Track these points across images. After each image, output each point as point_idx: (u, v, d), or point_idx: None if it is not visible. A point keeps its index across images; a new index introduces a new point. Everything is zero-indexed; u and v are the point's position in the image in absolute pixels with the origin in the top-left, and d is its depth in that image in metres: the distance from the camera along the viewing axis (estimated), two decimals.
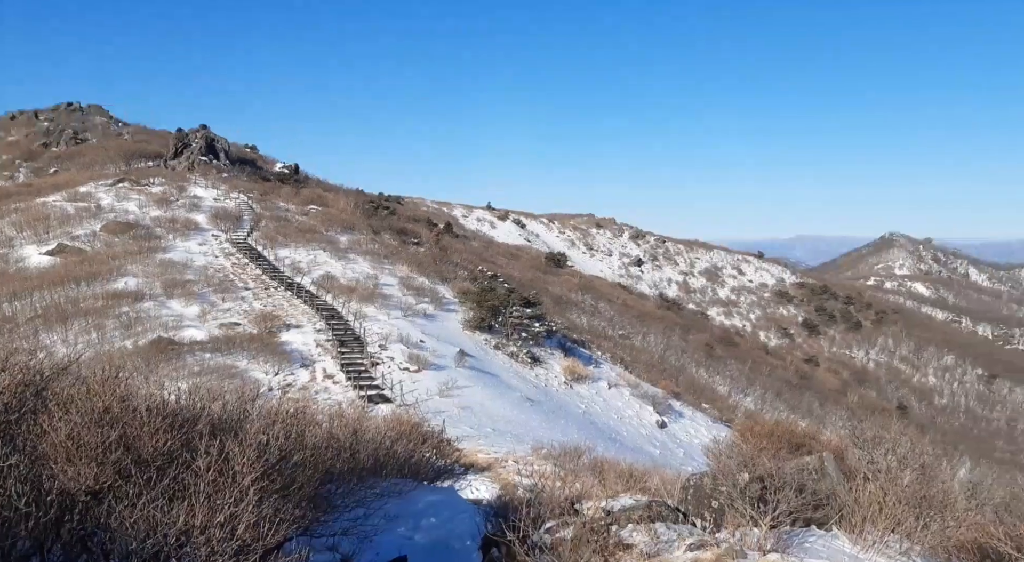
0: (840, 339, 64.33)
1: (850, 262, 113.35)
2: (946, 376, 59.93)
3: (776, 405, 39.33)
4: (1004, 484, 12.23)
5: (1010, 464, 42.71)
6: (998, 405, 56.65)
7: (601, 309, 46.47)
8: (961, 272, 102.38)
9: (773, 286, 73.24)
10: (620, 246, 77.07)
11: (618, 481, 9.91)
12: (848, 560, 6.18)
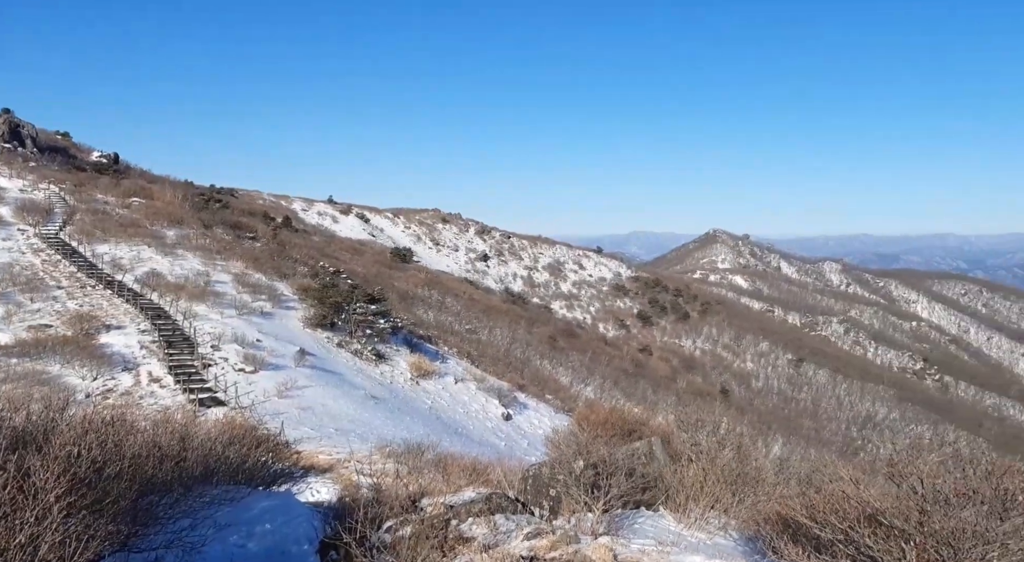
0: (671, 329, 68.47)
1: (679, 257, 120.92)
2: (761, 361, 65.47)
3: (614, 393, 41.23)
4: (807, 459, 13.60)
5: (815, 440, 47.31)
6: (805, 386, 62.65)
7: (448, 304, 46.63)
8: (774, 265, 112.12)
9: (611, 280, 76.65)
10: (467, 241, 77.69)
11: (462, 476, 9.98)
12: (672, 538, 6.56)
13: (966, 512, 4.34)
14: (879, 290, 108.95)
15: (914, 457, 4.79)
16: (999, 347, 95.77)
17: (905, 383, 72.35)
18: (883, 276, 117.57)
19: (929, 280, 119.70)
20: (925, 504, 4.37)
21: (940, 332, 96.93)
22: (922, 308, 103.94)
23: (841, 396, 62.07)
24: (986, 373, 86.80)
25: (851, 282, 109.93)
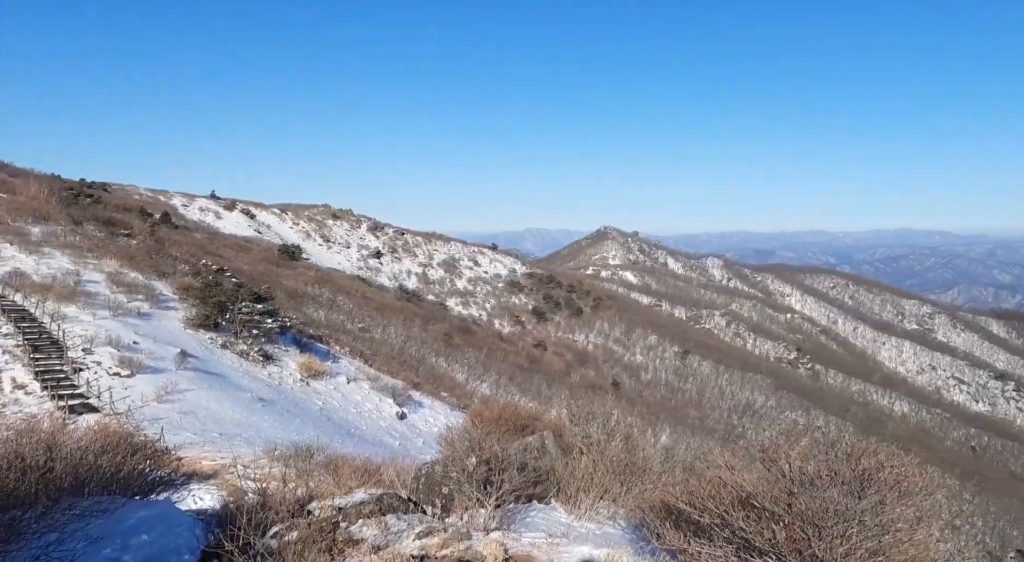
0: (565, 324, 69.76)
1: (572, 253, 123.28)
2: (650, 354, 67.75)
3: (509, 389, 41.60)
4: (691, 447, 14.20)
5: (699, 428, 49.41)
6: (690, 377, 65.32)
7: (340, 303, 45.66)
8: (662, 262, 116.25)
9: (506, 276, 77.26)
10: (358, 238, 76.31)
11: (353, 477, 9.81)
12: (563, 529, 6.70)
13: (829, 492, 4.65)
14: (757, 284, 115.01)
15: (783, 443, 5.09)
16: (863, 336, 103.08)
17: (781, 372, 76.68)
18: (760, 271, 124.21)
19: (802, 274, 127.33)
20: (793, 487, 4.66)
21: (812, 323, 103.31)
22: (796, 301, 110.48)
23: (723, 386, 65.08)
24: (852, 361, 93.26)
25: (732, 277, 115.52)
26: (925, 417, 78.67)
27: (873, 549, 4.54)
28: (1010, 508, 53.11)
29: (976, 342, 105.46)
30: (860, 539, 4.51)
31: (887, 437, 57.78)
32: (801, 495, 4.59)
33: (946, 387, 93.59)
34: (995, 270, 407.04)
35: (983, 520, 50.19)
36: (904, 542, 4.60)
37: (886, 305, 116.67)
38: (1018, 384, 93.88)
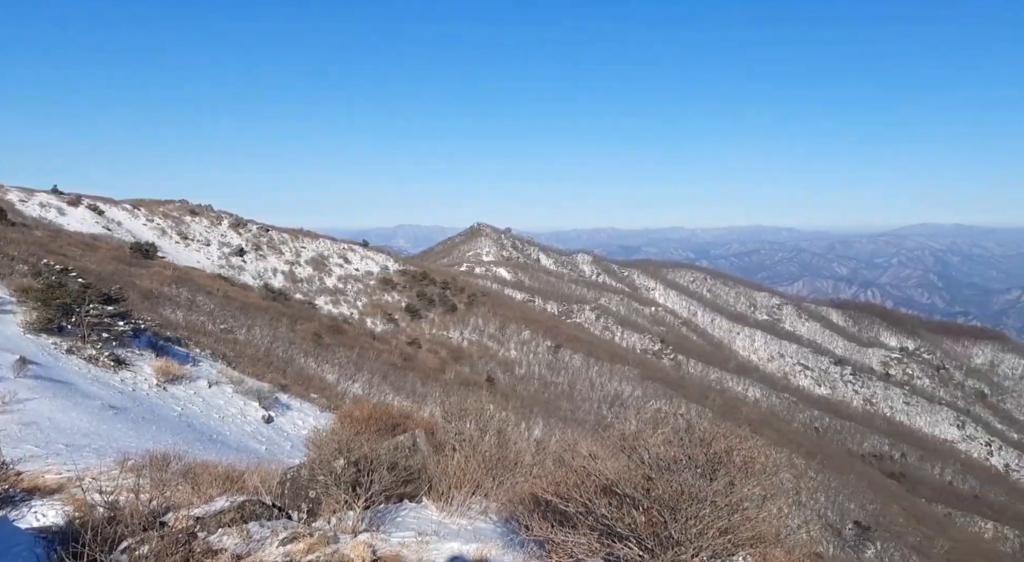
0: (439, 321, 69.64)
1: (446, 250, 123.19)
2: (524, 349, 68.86)
3: (383, 388, 41.04)
4: (563, 439, 14.62)
5: (571, 420, 50.76)
6: (562, 370, 66.94)
7: (200, 303, 43.36)
8: (534, 258, 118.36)
9: (378, 274, 76.10)
10: (220, 235, 72.82)
11: (214, 485, 9.39)
12: (434, 527, 6.70)
13: (684, 476, 4.93)
14: (624, 279, 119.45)
15: (642, 431, 5.34)
16: (720, 327, 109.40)
17: (647, 363, 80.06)
18: (627, 266, 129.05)
19: (665, 269, 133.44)
20: (651, 472, 4.90)
21: (674, 316, 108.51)
22: (659, 295, 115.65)
23: (593, 378, 67.15)
24: (711, 351, 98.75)
25: (601, 272, 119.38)
26: (775, 401, 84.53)
27: (724, 527, 4.85)
28: (848, 483, 58.01)
29: (818, 330, 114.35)
30: (712, 519, 4.80)
31: (742, 421, 61.45)
32: (659, 480, 4.83)
33: (793, 373, 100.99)
34: (834, 263, 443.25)
35: (825, 495, 54.55)
36: (751, 519, 4.94)
37: (740, 297, 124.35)
38: (855, 368, 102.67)
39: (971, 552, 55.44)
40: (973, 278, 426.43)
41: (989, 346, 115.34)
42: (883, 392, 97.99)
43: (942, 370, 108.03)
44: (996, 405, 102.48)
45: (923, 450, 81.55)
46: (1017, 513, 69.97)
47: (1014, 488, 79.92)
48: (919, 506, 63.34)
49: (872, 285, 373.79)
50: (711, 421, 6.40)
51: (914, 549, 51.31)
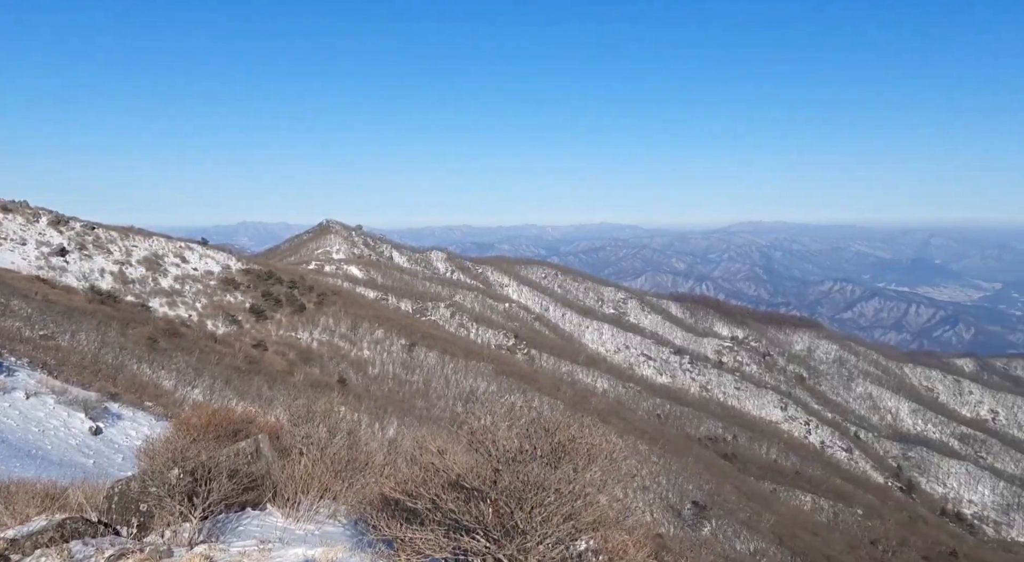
0: (287, 322, 67.14)
1: (294, 248, 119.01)
2: (377, 348, 67.86)
3: (225, 393, 39.06)
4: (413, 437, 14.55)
5: (427, 418, 50.65)
6: (417, 369, 66.62)
7: (16, 307, 39.31)
8: (387, 255, 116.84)
9: (219, 273, 72.26)
10: (37, 234, 66.28)
11: (32, 504, 8.59)
12: (278, 534, 6.47)
13: (530, 467, 5.06)
14: (478, 276, 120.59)
15: (489, 425, 5.42)
16: (571, 322, 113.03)
17: (501, 358, 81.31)
18: (481, 263, 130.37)
19: (518, 266, 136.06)
20: (498, 465, 4.99)
21: (527, 311, 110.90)
22: (513, 291, 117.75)
23: (449, 375, 67.32)
24: (562, 345, 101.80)
25: (455, 269, 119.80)
26: (622, 391, 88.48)
27: (568, 513, 5.02)
28: (687, 465, 61.78)
29: (659, 322, 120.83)
30: (557, 506, 4.96)
31: (591, 411, 64.04)
32: (505, 472, 4.92)
33: (637, 363, 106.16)
34: (673, 259, 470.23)
35: (666, 478, 57.79)
36: (593, 504, 5.15)
37: (588, 292, 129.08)
38: (692, 357, 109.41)
39: (793, 524, 60.71)
40: (793, 271, 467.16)
41: (807, 334, 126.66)
42: (717, 379, 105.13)
43: (767, 357, 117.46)
44: (813, 387, 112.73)
45: (752, 431, 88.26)
46: (831, 485, 77.38)
47: (828, 463, 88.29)
48: (749, 484, 68.54)
49: (707, 279, 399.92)
50: (562, 412, 6.60)
51: (744, 524, 55.47)
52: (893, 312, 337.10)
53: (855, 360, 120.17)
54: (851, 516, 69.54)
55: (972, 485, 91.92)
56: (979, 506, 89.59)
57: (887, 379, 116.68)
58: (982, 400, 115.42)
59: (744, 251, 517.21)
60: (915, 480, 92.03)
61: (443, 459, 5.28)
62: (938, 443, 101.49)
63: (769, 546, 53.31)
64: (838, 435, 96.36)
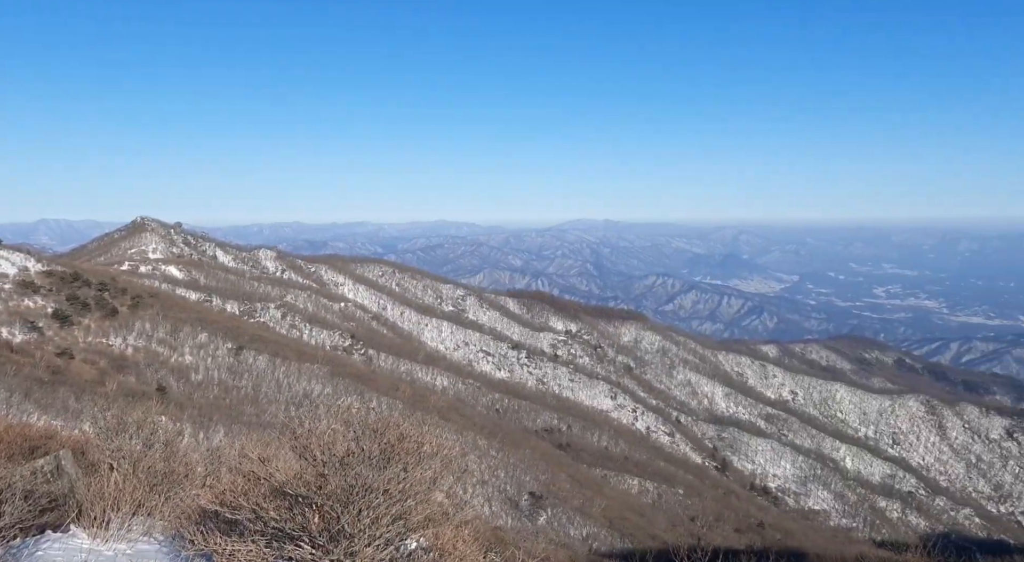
0: (96, 328, 61.69)
1: (103, 247, 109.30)
2: (201, 353, 63.95)
3: (25, 407, 35.27)
4: (238, 445, 13.84)
5: (256, 424, 48.45)
6: (246, 373, 63.52)
7: None
8: (210, 254, 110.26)
9: (16, 276, 65.09)
10: None
11: None
12: (85, 555, 5.98)
13: (358, 469, 4.99)
14: (311, 275, 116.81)
15: (316, 428, 5.30)
16: (409, 320, 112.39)
17: (337, 360, 79.33)
18: (314, 262, 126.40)
19: (354, 264, 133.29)
20: (324, 469, 4.88)
21: (364, 311, 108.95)
22: (348, 290, 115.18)
23: (280, 379, 64.76)
24: (400, 344, 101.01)
25: (286, 268, 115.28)
26: (461, 388, 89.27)
27: (397, 514, 5.01)
28: (524, 458, 63.48)
29: (498, 318, 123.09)
30: (386, 507, 4.94)
31: (431, 409, 64.12)
32: (332, 476, 4.83)
33: (476, 360, 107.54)
34: (510, 256, 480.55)
35: (504, 471, 59.07)
36: (423, 502, 5.18)
37: (427, 290, 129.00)
38: (529, 352, 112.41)
39: (622, 507, 64.11)
40: (620, 267, 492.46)
41: (633, 326, 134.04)
42: (552, 372, 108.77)
43: (598, 349, 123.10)
44: (639, 377, 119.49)
45: (585, 421, 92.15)
46: (656, 468, 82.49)
47: (653, 447, 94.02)
48: (582, 471, 71.55)
49: (542, 275, 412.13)
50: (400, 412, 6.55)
51: (578, 510, 57.86)
52: (708, 304, 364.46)
53: (676, 350, 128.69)
54: (673, 496, 74.48)
55: (776, 461, 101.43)
56: (782, 479, 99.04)
57: (704, 366, 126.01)
58: (784, 382, 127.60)
59: (576, 248, 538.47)
60: (728, 459, 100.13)
61: (265, 467, 5.09)
62: (747, 423, 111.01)
63: (600, 530, 55.95)
64: (661, 420, 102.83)
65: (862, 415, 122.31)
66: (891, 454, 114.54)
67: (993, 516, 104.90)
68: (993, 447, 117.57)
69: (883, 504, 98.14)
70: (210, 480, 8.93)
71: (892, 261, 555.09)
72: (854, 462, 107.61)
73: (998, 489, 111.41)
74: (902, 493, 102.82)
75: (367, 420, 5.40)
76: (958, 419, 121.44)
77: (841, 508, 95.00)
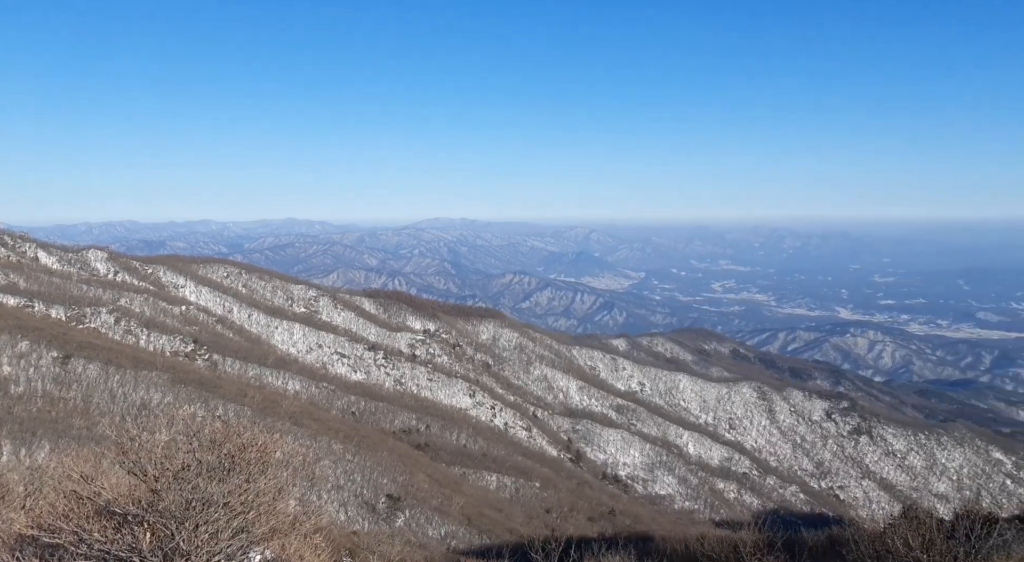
0: None
1: None
2: (21, 363, 58.18)
3: None
4: (64, 463, 12.71)
5: (88, 438, 44.72)
6: (75, 384, 58.43)
7: None
8: (31, 256, 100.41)
9: None
10: None
11: None
12: None
13: (195, 482, 4.72)
14: (148, 277, 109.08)
15: (146, 441, 4.95)
16: (258, 323, 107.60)
17: (178, 366, 74.62)
18: (151, 263, 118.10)
19: (196, 265, 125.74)
20: (157, 484, 4.57)
21: (208, 314, 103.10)
22: (190, 292, 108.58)
23: (114, 388, 60.12)
24: (248, 347, 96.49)
25: (119, 270, 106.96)
26: (315, 392, 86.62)
27: (239, 527, 4.78)
28: (382, 460, 62.63)
29: (353, 319, 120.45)
30: (226, 521, 4.69)
31: (282, 415, 61.80)
32: (166, 491, 4.53)
33: (331, 362, 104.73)
34: (365, 255, 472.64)
35: (361, 475, 58.00)
36: (267, 513, 4.97)
37: (277, 291, 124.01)
38: (386, 352, 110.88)
39: (480, 503, 64.76)
40: (477, 265, 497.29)
41: (491, 323, 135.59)
42: (410, 372, 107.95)
43: (457, 347, 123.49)
44: (498, 374, 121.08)
45: (444, 420, 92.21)
46: (514, 463, 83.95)
47: (511, 442, 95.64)
48: (441, 470, 71.58)
49: (399, 274, 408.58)
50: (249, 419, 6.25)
51: (436, 510, 57.83)
52: (563, 300, 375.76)
53: (533, 346, 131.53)
54: (530, 490, 76.13)
55: (626, 449, 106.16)
56: (631, 467, 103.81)
57: (559, 361, 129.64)
58: (633, 374, 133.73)
59: (434, 246, 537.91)
60: (582, 450, 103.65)
61: (89, 485, 4.69)
62: (600, 415, 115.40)
63: (459, 528, 56.22)
64: (519, 416, 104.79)
65: (702, 403, 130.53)
66: (728, 438, 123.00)
67: (815, 491, 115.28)
68: (815, 428, 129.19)
69: (721, 486, 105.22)
70: (30, 501, 8.18)
71: (727, 258, 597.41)
72: (696, 447, 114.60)
73: (819, 466, 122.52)
74: (738, 474, 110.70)
75: (204, 430, 5.12)
76: (785, 403, 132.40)
77: (684, 492, 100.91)
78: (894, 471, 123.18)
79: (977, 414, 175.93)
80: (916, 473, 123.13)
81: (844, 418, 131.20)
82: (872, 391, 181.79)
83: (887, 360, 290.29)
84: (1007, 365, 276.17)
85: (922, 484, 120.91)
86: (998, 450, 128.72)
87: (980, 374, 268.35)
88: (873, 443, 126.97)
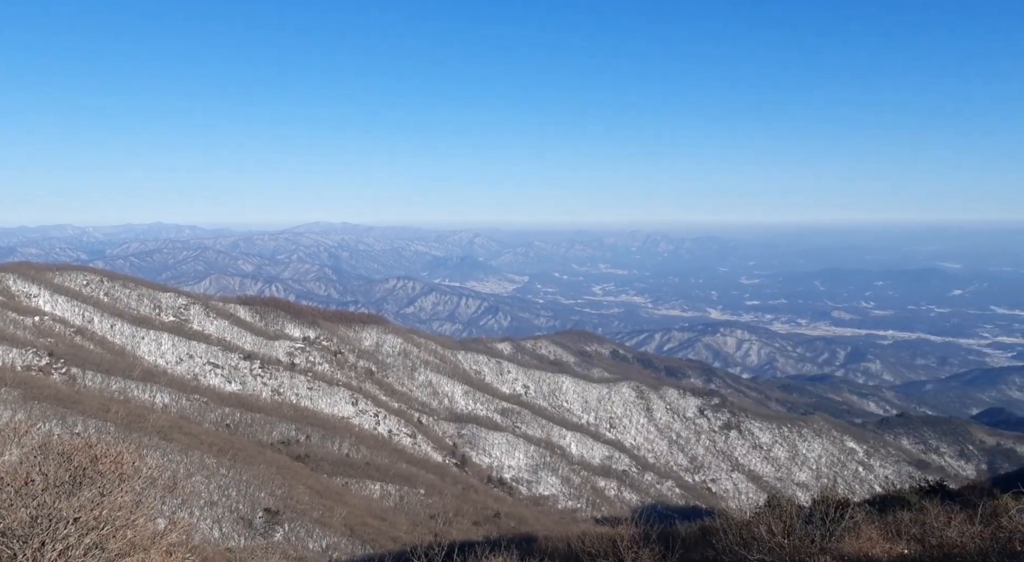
0: None
1: None
2: None
3: None
4: None
5: None
6: None
7: None
8: None
9: None
10: None
11: None
12: None
13: (41, 498, 4.42)
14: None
15: None
16: (122, 333, 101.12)
17: (32, 381, 69.02)
18: (0, 270, 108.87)
19: (51, 272, 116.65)
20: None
21: (65, 324, 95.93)
22: (44, 302, 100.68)
23: None
24: (112, 359, 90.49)
25: None
26: (185, 404, 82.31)
27: (92, 543, 4.52)
28: (259, 474, 60.32)
29: (227, 328, 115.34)
30: (77, 537, 4.43)
31: (150, 430, 58.36)
32: (6, 509, 4.23)
33: (203, 373, 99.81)
34: (240, 261, 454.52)
35: (236, 490, 55.64)
36: (123, 528, 4.73)
37: (143, 300, 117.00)
38: (263, 362, 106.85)
39: (364, 513, 63.58)
40: (360, 270, 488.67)
41: (375, 329, 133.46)
42: (289, 381, 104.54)
43: (339, 354, 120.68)
44: (381, 380, 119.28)
45: (325, 430, 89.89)
46: (398, 471, 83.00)
47: (395, 450, 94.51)
48: (322, 481, 69.75)
49: (276, 280, 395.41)
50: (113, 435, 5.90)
51: (317, 522, 56.31)
52: (448, 305, 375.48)
53: (417, 351, 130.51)
54: (415, 497, 75.48)
55: (511, 452, 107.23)
56: (516, 469, 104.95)
57: (444, 366, 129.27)
58: (517, 377, 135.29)
59: (313, 252, 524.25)
60: (467, 455, 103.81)
61: None
62: (485, 419, 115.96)
63: (341, 539, 54.98)
64: (403, 422, 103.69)
65: (584, 403, 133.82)
66: (609, 437, 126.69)
67: (689, 485, 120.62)
68: (689, 424, 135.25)
69: (602, 484, 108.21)
70: None
71: (607, 261, 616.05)
72: (578, 447, 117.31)
73: (693, 461, 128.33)
74: (618, 472, 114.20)
75: (50, 443, 4.81)
76: (661, 401, 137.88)
77: (568, 491, 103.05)
78: (761, 463, 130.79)
79: (833, 406, 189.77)
80: (780, 464, 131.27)
81: (715, 414, 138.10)
82: (740, 387, 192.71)
83: (753, 358, 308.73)
84: (859, 360, 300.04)
85: (786, 474, 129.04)
86: (851, 440, 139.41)
87: (835, 369, 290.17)
88: (742, 437, 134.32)
